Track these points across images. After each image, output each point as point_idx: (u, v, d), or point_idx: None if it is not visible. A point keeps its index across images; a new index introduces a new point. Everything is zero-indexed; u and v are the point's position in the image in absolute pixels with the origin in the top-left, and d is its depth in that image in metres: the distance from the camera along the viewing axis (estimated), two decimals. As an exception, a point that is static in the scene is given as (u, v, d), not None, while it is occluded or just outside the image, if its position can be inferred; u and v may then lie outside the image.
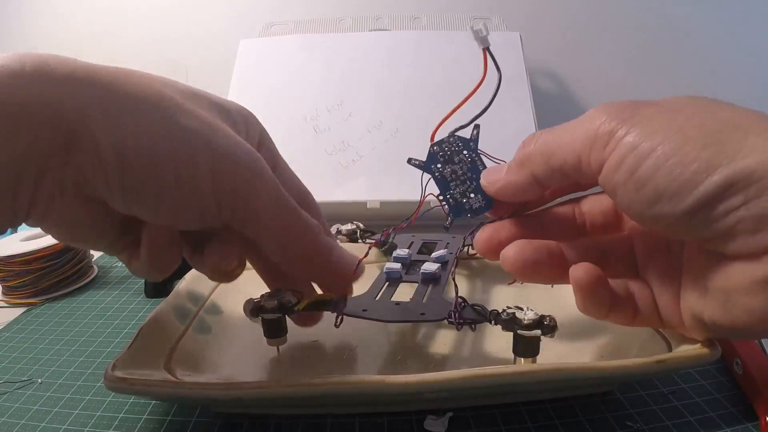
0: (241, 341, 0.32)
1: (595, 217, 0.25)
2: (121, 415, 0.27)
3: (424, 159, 0.26)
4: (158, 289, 0.40)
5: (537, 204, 0.26)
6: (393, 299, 0.28)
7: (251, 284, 0.37)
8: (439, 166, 0.25)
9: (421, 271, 0.30)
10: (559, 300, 0.36)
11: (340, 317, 0.26)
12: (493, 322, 0.24)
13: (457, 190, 0.25)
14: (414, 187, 0.25)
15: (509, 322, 0.24)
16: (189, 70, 0.70)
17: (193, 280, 0.34)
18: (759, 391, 0.25)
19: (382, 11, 0.65)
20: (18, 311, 0.41)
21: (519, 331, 0.24)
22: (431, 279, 0.30)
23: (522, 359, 0.24)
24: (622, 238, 0.25)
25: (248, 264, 0.38)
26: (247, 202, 0.23)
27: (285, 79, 0.59)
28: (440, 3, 0.70)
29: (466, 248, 0.35)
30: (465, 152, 0.25)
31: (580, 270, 0.22)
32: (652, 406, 0.26)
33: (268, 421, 0.26)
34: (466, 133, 0.25)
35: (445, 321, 0.25)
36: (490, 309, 0.25)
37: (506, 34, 0.60)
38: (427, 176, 0.25)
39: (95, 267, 0.49)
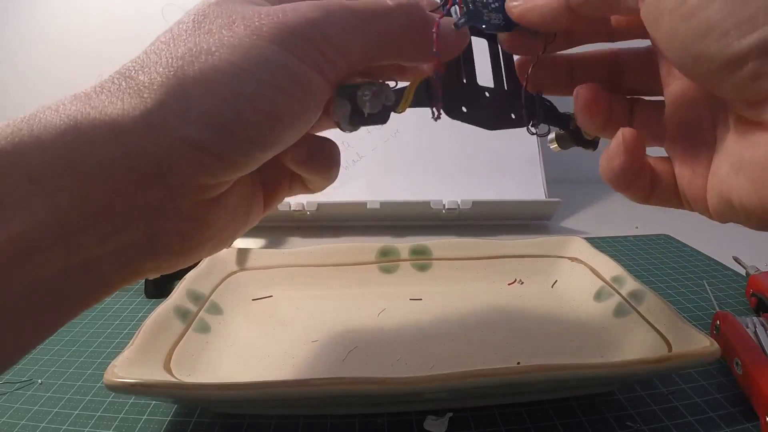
0: (241, 341, 0.32)
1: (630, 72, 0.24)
2: (121, 415, 0.27)
3: None
4: (158, 289, 0.40)
5: (555, 49, 0.24)
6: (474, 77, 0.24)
7: (251, 284, 0.37)
8: None
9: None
10: (559, 299, 0.36)
11: (438, 110, 0.23)
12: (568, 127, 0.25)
13: (479, 1, 0.23)
14: (413, 188, 0.25)
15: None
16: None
17: (193, 280, 0.34)
18: (759, 391, 0.25)
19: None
20: (18, 311, 0.41)
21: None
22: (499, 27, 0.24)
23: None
24: (653, 103, 0.23)
25: (248, 265, 0.39)
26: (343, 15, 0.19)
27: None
28: (440, 3, 0.70)
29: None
30: None
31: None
32: (652, 406, 0.26)
33: (268, 421, 0.26)
34: None
35: None
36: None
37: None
38: None
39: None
